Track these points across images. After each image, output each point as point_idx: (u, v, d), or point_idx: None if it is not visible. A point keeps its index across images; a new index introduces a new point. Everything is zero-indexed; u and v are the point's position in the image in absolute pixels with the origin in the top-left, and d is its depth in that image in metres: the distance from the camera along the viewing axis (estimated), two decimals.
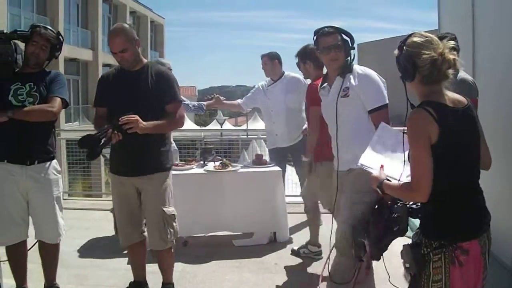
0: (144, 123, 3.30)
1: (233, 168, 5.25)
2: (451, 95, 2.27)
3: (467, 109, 2.26)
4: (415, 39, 2.26)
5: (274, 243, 5.29)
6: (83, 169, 10.69)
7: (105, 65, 26.72)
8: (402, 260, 2.39)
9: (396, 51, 2.32)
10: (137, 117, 3.27)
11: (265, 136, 6.33)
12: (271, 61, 5.75)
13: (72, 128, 21.03)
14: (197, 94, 44.88)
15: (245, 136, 9.09)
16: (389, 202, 2.64)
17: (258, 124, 34.83)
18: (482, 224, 2.27)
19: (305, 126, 6.01)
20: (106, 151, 3.60)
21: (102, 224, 6.00)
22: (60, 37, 3.70)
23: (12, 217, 3.58)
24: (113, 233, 5.34)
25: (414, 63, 2.22)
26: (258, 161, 5.43)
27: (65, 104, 3.63)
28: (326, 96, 3.52)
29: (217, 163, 5.37)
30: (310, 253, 4.92)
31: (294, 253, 4.98)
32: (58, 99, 3.57)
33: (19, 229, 3.62)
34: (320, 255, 4.88)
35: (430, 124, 2.13)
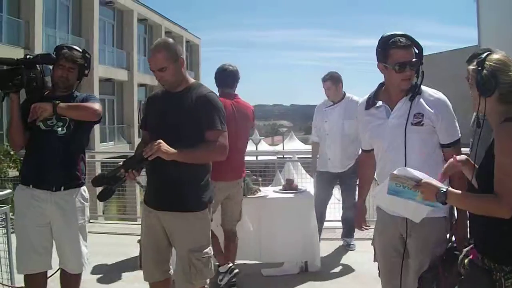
0: (169, 148, 2.88)
1: (262, 194, 5.03)
2: None
3: None
4: (500, 56, 2.20)
5: (305, 273, 5.01)
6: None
7: (140, 85, 27.14)
8: None
9: (472, 66, 2.23)
10: (160, 141, 2.88)
11: (300, 156, 6.07)
12: (336, 85, 5.51)
13: (107, 149, 21.26)
14: None
15: (281, 157, 9.07)
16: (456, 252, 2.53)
17: (294, 143, 34.60)
18: None
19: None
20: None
21: (128, 250, 5.81)
22: (87, 54, 3.61)
23: (33, 246, 3.45)
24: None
25: (497, 79, 2.15)
26: (289, 186, 5.21)
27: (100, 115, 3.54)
28: (384, 118, 2.89)
29: None
30: None
31: None
32: (98, 103, 3.52)
33: (40, 258, 3.48)
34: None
35: None
